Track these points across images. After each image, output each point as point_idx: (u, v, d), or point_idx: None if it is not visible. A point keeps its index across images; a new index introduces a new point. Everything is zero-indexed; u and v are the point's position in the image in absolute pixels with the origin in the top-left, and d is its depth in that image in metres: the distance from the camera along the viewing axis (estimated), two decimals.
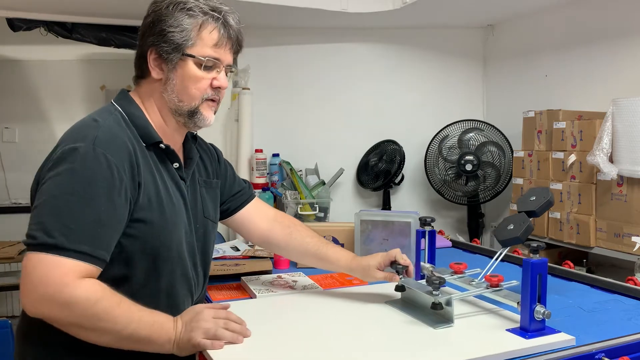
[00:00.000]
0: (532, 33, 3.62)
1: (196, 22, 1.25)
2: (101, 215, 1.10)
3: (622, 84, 2.95)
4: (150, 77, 1.29)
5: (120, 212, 1.14)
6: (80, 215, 1.08)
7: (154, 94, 1.30)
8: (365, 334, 1.26)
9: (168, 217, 1.24)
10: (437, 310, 1.27)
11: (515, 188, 3.20)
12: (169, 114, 1.30)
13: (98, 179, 1.10)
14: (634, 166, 2.44)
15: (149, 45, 1.26)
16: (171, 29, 1.23)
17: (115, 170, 1.13)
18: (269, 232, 1.57)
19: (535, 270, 1.19)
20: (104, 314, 1.07)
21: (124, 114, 1.26)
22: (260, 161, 3.77)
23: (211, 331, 1.15)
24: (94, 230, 1.09)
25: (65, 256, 1.05)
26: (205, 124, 1.32)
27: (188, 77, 1.26)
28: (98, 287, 1.09)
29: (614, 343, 1.19)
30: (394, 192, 4.04)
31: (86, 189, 1.09)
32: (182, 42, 1.24)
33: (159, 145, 1.27)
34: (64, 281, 1.04)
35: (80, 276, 1.06)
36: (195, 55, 1.25)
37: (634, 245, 2.41)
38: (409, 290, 1.41)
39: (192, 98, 1.28)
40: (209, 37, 1.26)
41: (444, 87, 4.07)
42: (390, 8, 3.40)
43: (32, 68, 4.74)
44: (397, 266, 1.44)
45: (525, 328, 1.22)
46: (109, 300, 1.09)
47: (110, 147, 1.14)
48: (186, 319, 1.18)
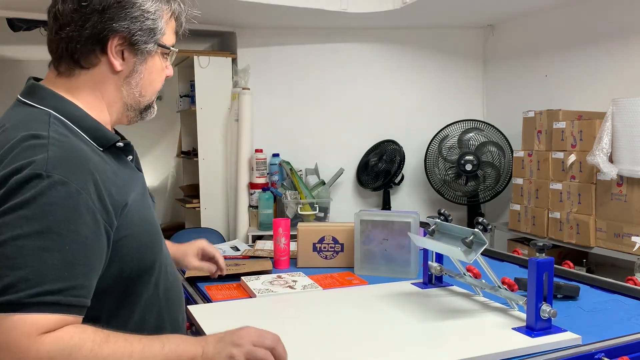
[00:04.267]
0: (532, 33, 3.62)
1: (168, 9, 1.09)
2: (66, 256, 0.89)
3: (622, 84, 2.96)
4: (99, 68, 1.05)
5: (91, 246, 0.93)
6: (37, 261, 0.87)
7: (105, 87, 1.07)
8: (367, 333, 1.27)
9: (147, 220, 1.09)
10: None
11: (515, 188, 3.20)
12: (120, 109, 1.11)
13: (56, 212, 0.89)
14: (634, 166, 2.44)
15: (115, 30, 1.02)
16: (149, 16, 1.05)
17: (79, 197, 0.91)
18: None
19: (542, 270, 1.20)
20: (91, 356, 0.88)
21: (62, 118, 1.00)
22: (260, 161, 3.78)
23: (259, 354, 0.98)
24: (59, 274, 0.88)
25: (25, 312, 0.85)
26: (152, 117, 1.17)
27: (156, 69, 1.11)
28: (72, 333, 0.88)
29: (614, 343, 1.19)
30: (394, 192, 4.04)
31: (42, 227, 0.88)
32: (157, 30, 1.07)
33: (116, 145, 1.07)
34: (26, 344, 0.85)
35: (46, 331, 0.86)
36: (168, 46, 1.11)
37: (634, 245, 2.41)
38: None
39: (154, 92, 1.14)
40: (173, 25, 1.13)
41: (444, 87, 4.07)
42: (390, 8, 3.41)
43: (32, 68, 4.74)
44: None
45: (531, 327, 1.22)
46: (91, 341, 0.89)
47: (67, 170, 0.91)
48: (222, 335, 1.00)
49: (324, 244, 1.88)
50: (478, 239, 1.31)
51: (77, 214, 0.91)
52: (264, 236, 3.47)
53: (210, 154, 3.81)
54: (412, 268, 1.72)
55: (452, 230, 1.44)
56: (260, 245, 2.19)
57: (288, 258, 1.89)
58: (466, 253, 1.30)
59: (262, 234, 3.56)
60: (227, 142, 3.83)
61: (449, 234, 1.45)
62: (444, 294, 1.52)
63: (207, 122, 3.79)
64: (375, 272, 1.76)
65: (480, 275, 1.43)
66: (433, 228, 1.51)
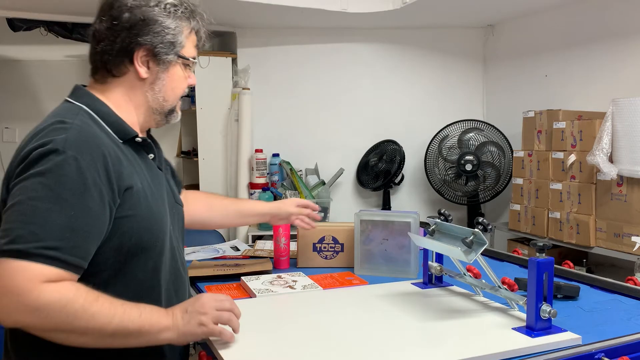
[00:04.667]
0: (532, 33, 3.62)
1: (188, 25, 1.27)
2: (70, 220, 1.05)
3: (622, 84, 2.96)
4: (128, 76, 1.24)
5: (93, 216, 1.08)
6: (46, 220, 1.03)
7: (134, 93, 1.25)
8: (367, 333, 1.27)
9: (155, 208, 1.21)
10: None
11: (515, 188, 3.20)
12: (147, 112, 1.28)
13: (66, 183, 1.05)
14: (634, 166, 2.44)
15: (140, 44, 1.21)
16: (170, 31, 1.23)
17: (88, 173, 1.07)
18: (193, 215, 1.61)
19: (542, 270, 1.20)
20: (81, 312, 1.02)
21: (91, 112, 1.20)
22: (260, 161, 3.78)
23: (224, 317, 1.15)
24: (62, 234, 1.03)
25: (30, 261, 1.00)
26: (176, 120, 1.35)
27: (177, 77, 1.28)
28: (69, 287, 1.03)
29: (614, 343, 1.18)
30: (394, 192, 4.04)
31: (54, 193, 1.04)
32: (178, 44, 1.25)
33: (135, 140, 1.24)
34: (29, 287, 1.00)
35: (47, 280, 1.01)
36: (188, 57, 1.28)
37: (634, 245, 2.41)
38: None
39: (176, 97, 1.31)
40: (194, 39, 1.30)
41: (444, 87, 4.07)
42: (390, 8, 3.41)
43: (32, 68, 4.75)
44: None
45: (531, 327, 1.22)
46: (83, 298, 1.04)
47: (81, 149, 1.09)
48: (185, 306, 1.15)
49: (324, 244, 1.88)
50: (478, 239, 1.31)
51: (85, 187, 1.06)
52: (264, 236, 3.47)
53: (210, 154, 3.81)
54: (412, 268, 1.72)
55: (452, 230, 1.44)
56: (260, 245, 2.19)
57: (288, 258, 1.89)
58: (466, 253, 1.30)
59: (262, 234, 3.55)
60: (227, 142, 3.83)
61: (449, 234, 1.45)
62: (444, 294, 1.52)
63: (207, 122, 3.79)
64: (375, 272, 1.76)
65: (480, 275, 1.43)
66: (433, 228, 1.51)
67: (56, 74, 4.80)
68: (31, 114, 4.74)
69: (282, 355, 1.16)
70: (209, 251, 2.08)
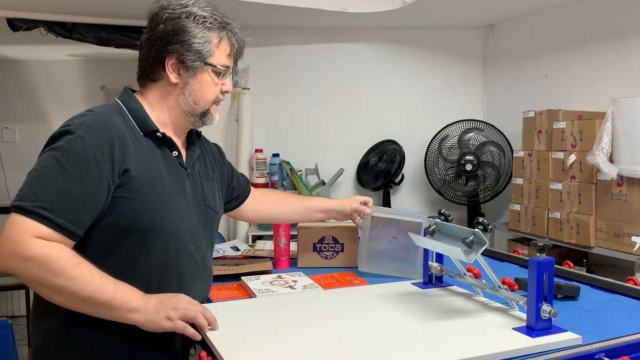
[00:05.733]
0: (532, 33, 3.62)
1: (217, 35, 1.39)
2: (67, 189, 1.18)
3: (622, 84, 2.96)
4: (162, 81, 1.38)
5: (90, 190, 1.21)
6: (47, 185, 1.18)
7: (168, 96, 1.39)
8: (367, 333, 1.27)
9: (159, 197, 1.31)
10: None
11: (515, 188, 3.20)
12: (181, 114, 1.41)
13: (69, 156, 1.20)
14: (634, 166, 2.44)
15: (170, 51, 1.35)
16: (196, 40, 1.35)
17: (91, 151, 1.21)
18: (261, 210, 1.81)
19: (542, 269, 1.19)
20: (60, 271, 1.14)
21: (122, 106, 1.36)
22: (260, 161, 3.78)
23: (189, 314, 1.21)
24: (57, 198, 1.17)
25: (27, 217, 1.15)
26: (213, 122, 1.46)
27: (206, 83, 1.39)
28: (55, 247, 1.16)
29: (614, 343, 1.18)
30: (394, 192, 4.04)
31: (58, 164, 1.19)
32: (205, 52, 1.36)
33: (156, 134, 1.36)
34: (20, 238, 1.14)
35: (37, 236, 1.15)
36: (215, 65, 1.39)
37: (634, 245, 2.41)
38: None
39: (207, 102, 1.41)
40: (225, 49, 1.41)
41: (444, 87, 4.07)
42: (390, 8, 3.41)
43: (32, 68, 4.74)
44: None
45: (531, 327, 1.22)
46: (66, 260, 1.15)
47: (91, 131, 1.23)
48: (162, 297, 1.23)
49: (324, 244, 1.88)
50: (478, 239, 1.31)
51: (86, 162, 1.21)
52: (264, 236, 3.47)
53: None
54: (417, 268, 1.71)
55: (452, 230, 1.44)
56: (260, 245, 2.19)
57: (288, 258, 1.89)
58: (466, 253, 1.30)
59: (262, 234, 3.56)
60: (227, 142, 3.83)
61: (449, 234, 1.45)
62: (444, 294, 1.52)
63: None
64: (380, 270, 1.74)
65: (480, 275, 1.43)
66: (433, 228, 1.51)
67: (56, 74, 4.80)
68: (31, 114, 4.74)
69: (282, 355, 1.16)
70: None
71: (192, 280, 1.39)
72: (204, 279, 1.45)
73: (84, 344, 1.27)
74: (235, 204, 1.73)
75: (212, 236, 1.51)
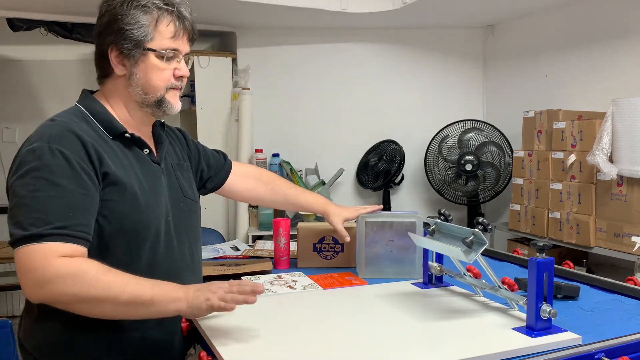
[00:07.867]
0: (532, 33, 3.62)
1: (152, 17, 1.30)
2: (70, 202, 1.17)
3: (622, 84, 2.96)
4: (113, 75, 1.33)
5: (87, 194, 1.20)
6: (49, 205, 1.15)
7: (119, 90, 1.35)
8: (367, 333, 1.26)
9: (140, 198, 1.29)
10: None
11: (515, 188, 3.20)
12: (136, 107, 1.36)
13: (57, 171, 1.17)
14: (634, 166, 2.44)
15: (108, 44, 1.30)
16: (129, 27, 1.28)
17: (74, 160, 1.19)
18: (253, 190, 1.78)
19: (542, 269, 1.19)
20: (94, 281, 1.12)
21: (84, 111, 1.33)
22: (260, 161, 3.78)
23: (227, 297, 1.20)
24: (66, 213, 1.15)
25: (42, 242, 1.12)
26: (173, 110, 1.38)
27: (151, 69, 1.32)
28: (82, 260, 1.15)
29: (614, 343, 1.18)
30: (394, 192, 4.04)
31: (49, 182, 1.17)
32: (141, 38, 1.29)
33: (125, 135, 1.33)
34: (44, 263, 1.11)
35: (61, 255, 1.13)
36: (156, 49, 1.31)
37: (634, 245, 2.41)
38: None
39: (157, 89, 1.34)
40: (167, 30, 1.32)
41: (444, 87, 4.07)
42: (390, 8, 3.41)
43: (32, 68, 4.74)
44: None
45: (531, 327, 1.22)
46: (96, 269, 1.14)
47: (63, 142, 1.21)
48: (199, 286, 1.22)
49: (324, 244, 1.88)
50: (478, 239, 1.31)
51: (75, 172, 1.19)
52: (264, 236, 3.48)
53: None
54: (417, 268, 1.70)
55: (452, 230, 1.44)
56: (260, 245, 2.19)
57: (288, 258, 1.89)
58: (466, 253, 1.30)
59: (262, 234, 3.56)
60: (227, 142, 3.83)
61: (449, 234, 1.45)
62: (444, 294, 1.52)
63: (207, 122, 3.79)
64: (380, 274, 1.73)
65: (480, 275, 1.43)
66: (433, 228, 1.51)
67: (56, 74, 4.79)
68: (31, 114, 4.73)
69: (282, 355, 1.16)
70: (209, 251, 2.08)
71: (182, 274, 1.38)
72: (193, 272, 1.45)
73: (84, 347, 1.26)
74: (210, 186, 1.67)
75: (197, 226, 1.50)
